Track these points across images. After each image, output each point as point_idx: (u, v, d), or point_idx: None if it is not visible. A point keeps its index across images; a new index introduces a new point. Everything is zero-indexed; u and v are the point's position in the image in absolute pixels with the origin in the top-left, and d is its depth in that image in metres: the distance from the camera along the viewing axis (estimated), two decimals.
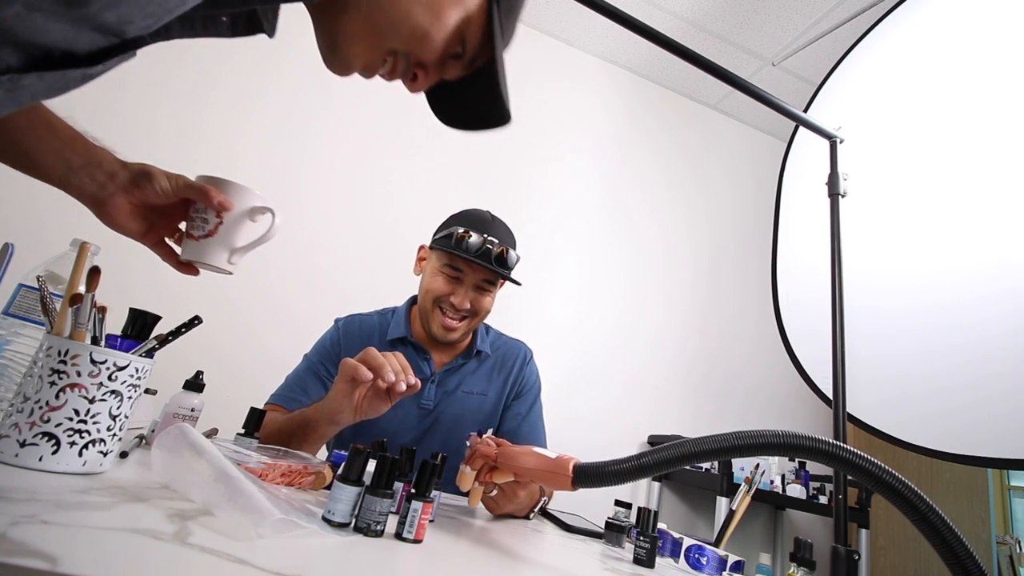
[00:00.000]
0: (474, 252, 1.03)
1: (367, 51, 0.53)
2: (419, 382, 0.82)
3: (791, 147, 1.73)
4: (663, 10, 2.36)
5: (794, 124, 1.69)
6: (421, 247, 1.19)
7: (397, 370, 0.79)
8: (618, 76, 2.76)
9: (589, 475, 0.63)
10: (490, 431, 1.09)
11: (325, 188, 2.13)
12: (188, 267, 0.63)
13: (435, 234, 1.14)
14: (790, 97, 2.59)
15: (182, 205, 0.61)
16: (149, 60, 2.15)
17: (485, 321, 1.27)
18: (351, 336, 1.16)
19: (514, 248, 1.10)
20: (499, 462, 0.71)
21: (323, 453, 1.21)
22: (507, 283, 1.15)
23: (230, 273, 0.63)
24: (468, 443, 0.76)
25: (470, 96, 0.63)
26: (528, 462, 0.68)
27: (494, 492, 0.78)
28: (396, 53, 0.54)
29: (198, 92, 2.04)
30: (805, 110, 1.57)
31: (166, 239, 0.63)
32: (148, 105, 1.95)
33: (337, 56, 0.54)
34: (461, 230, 1.03)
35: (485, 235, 1.04)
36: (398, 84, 0.63)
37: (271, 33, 0.58)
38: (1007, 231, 1.12)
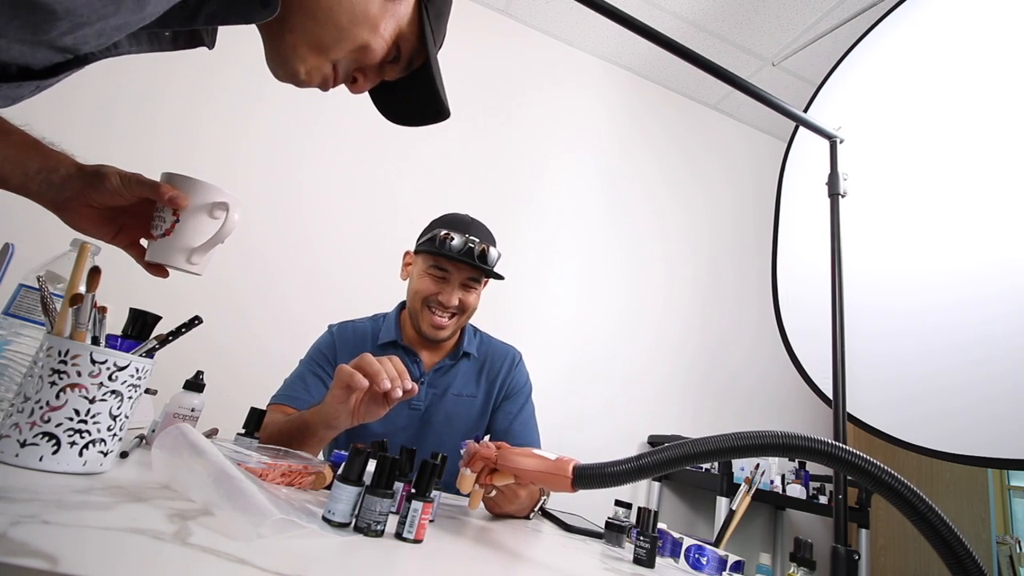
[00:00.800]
0: (458, 252, 1.08)
1: (313, 63, 0.57)
2: (416, 387, 0.82)
3: (791, 147, 1.73)
4: (663, 10, 2.36)
5: (794, 124, 1.69)
6: (406, 253, 1.23)
7: (393, 376, 0.79)
8: (618, 76, 2.76)
9: (589, 477, 0.63)
10: (487, 437, 1.09)
11: (325, 188, 2.13)
12: (157, 268, 0.60)
13: (418, 239, 1.18)
14: (790, 97, 2.59)
15: (149, 205, 0.58)
16: (149, 61, 2.14)
17: (474, 324, 1.28)
18: (345, 341, 1.18)
19: (494, 246, 1.14)
20: (499, 464, 0.71)
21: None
22: (500, 285, 1.16)
23: (198, 274, 0.59)
24: (463, 452, 0.76)
25: (410, 94, 0.67)
26: (528, 463, 0.68)
27: (493, 493, 0.79)
28: (338, 62, 0.59)
29: (197, 93, 2.04)
30: (805, 110, 1.57)
31: (142, 241, 0.61)
32: (148, 105, 1.95)
33: (285, 69, 0.58)
34: (444, 232, 1.08)
35: (467, 235, 1.09)
36: None
37: (211, 46, 0.61)
38: (1007, 231, 1.11)
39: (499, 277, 1.15)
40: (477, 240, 1.09)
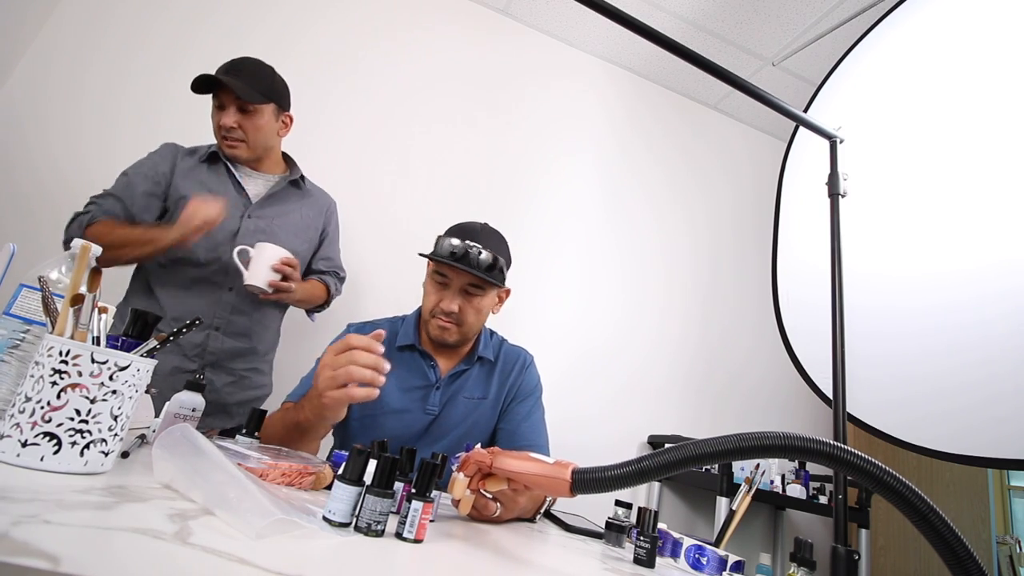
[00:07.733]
0: (455, 258, 1.07)
1: None
2: (376, 390, 0.80)
3: (791, 147, 1.73)
4: (663, 10, 2.36)
5: (794, 124, 1.69)
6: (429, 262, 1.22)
7: (367, 377, 0.78)
8: (618, 76, 2.76)
9: (588, 481, 0.61)
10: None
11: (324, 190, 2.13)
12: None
13: None
14: (790, 97, 2.59)
15: None
16: (153, 57, 2.13)
17: (492, 328, 1.28)
18: None
19: (502, 255, 1.13)
20: (494, 468, 0.69)
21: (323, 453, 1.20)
22: (513, 291, 1.16)
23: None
24: (456, 459, 0.76)
25: None
26: (525, 467, 0.67)
27: (497, 513, 0.78)
28: None
29: (197, 98, 2.03)
30: (805, 110, 1.57)
31: None
32: (153, 103, 1.95)
33: None
34: (445, 239, 1.09)
35: (467, 241, 1.08)
36: (397, 88, 0.64)
37: None
38: (1007, 231, 1.12)
39: (499, 285, 1.14)
40: (479, 246, 1.08)
